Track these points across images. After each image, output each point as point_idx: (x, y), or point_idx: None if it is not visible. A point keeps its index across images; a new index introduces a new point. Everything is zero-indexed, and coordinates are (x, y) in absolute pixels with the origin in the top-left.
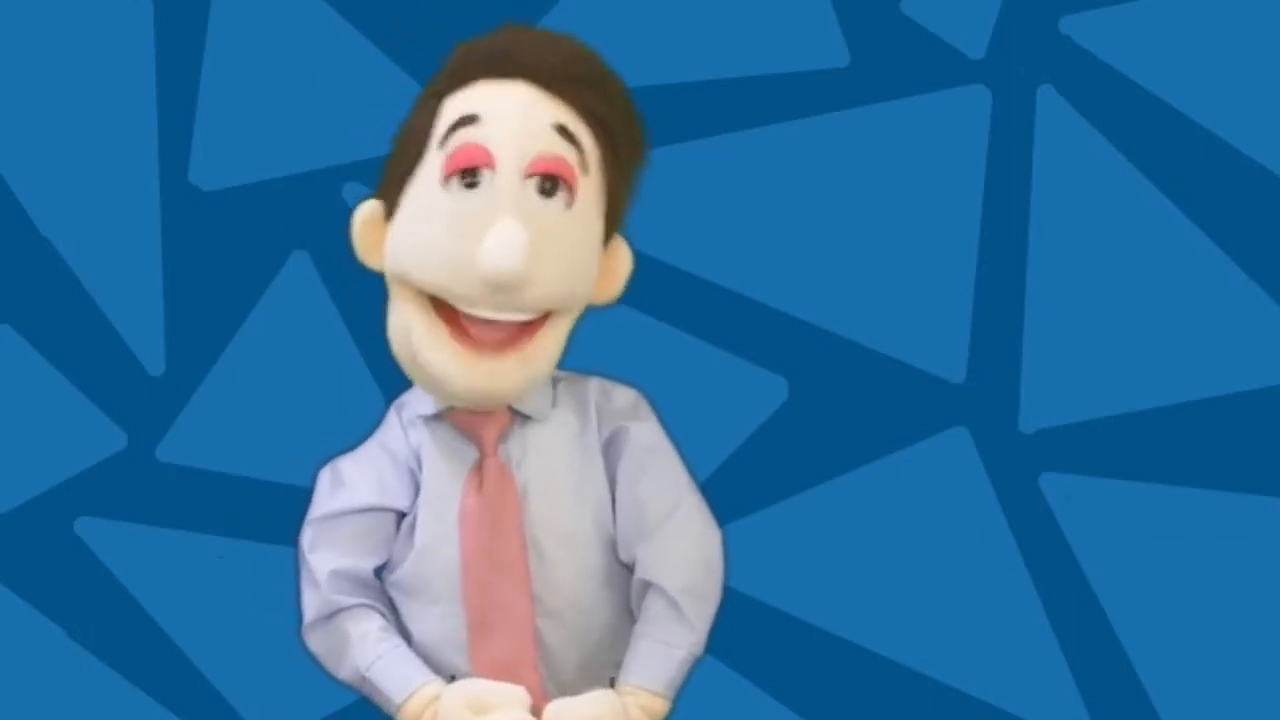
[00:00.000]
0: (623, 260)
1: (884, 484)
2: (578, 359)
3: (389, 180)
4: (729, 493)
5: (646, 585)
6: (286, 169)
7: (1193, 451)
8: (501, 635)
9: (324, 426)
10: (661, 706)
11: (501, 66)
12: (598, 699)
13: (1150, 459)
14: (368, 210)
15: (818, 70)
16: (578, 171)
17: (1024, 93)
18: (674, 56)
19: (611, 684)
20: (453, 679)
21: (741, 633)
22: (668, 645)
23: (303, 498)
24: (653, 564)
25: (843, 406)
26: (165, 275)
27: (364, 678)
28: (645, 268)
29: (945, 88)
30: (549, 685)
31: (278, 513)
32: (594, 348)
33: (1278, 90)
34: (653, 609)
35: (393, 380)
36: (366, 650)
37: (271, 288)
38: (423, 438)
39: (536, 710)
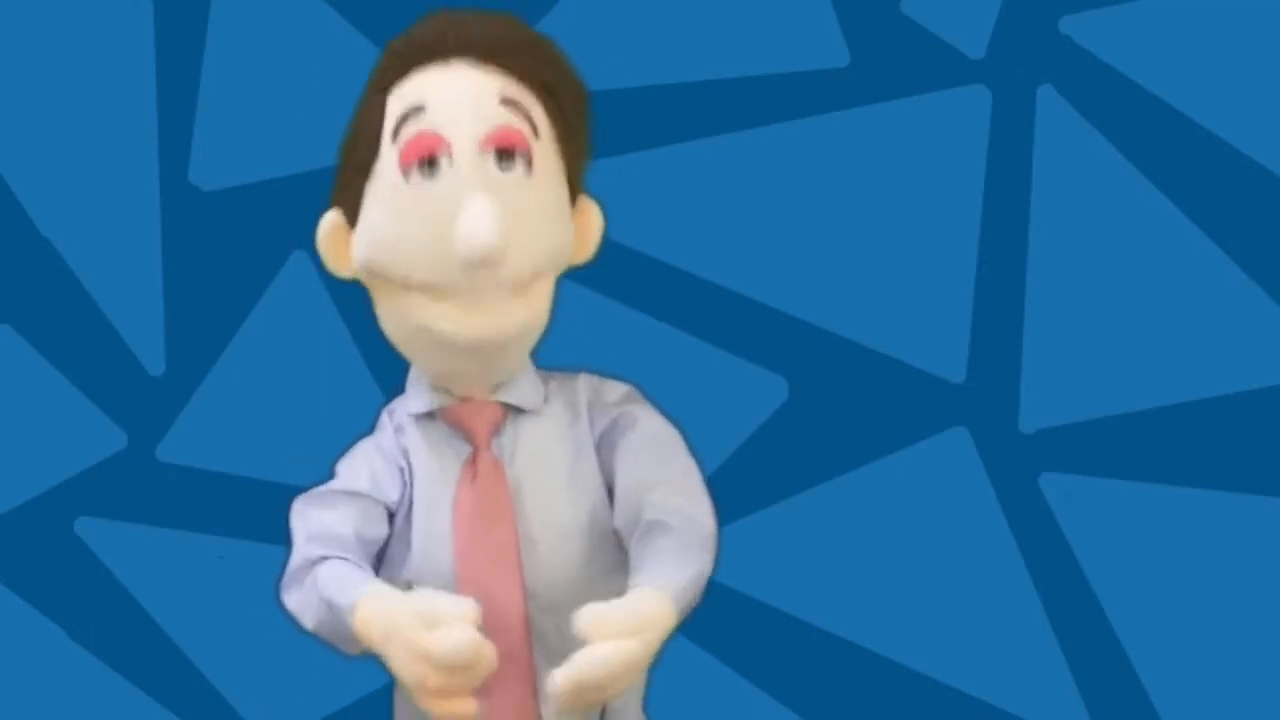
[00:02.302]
0: (593, 218)
1: (884, 484)
2: (578, 359)
3: (344, 187)
4: (729, 493)
5: (649, 527)
6: (286, 169)
7: (1193, 451)
8: (495, 629)
9: (324, 426)
10: (671, 608)
11: (436, 51)
12: (633, 598)
13: (1150, 459)
14: (330, 221)
15: (818, 70)
16: (530, 138)
17: (1024, 93)
18: (674, 56)
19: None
20: (409, 586)
21: (741, 632)
22: (675, 560)
23: None
24: (657, 508)
25: (843, 406)
26: (165, 275)
27: (321, 598)
28: (645, 267)
29: (945, 88)
30: (547, 678)
31: (278, 513)
32: (594, 347)
33: (1278, 90)
34: (657, 538)
35: (392, 380)
36: (329, 583)
37: (271, 288)
38: (413, 438)
39: (527, 689)
